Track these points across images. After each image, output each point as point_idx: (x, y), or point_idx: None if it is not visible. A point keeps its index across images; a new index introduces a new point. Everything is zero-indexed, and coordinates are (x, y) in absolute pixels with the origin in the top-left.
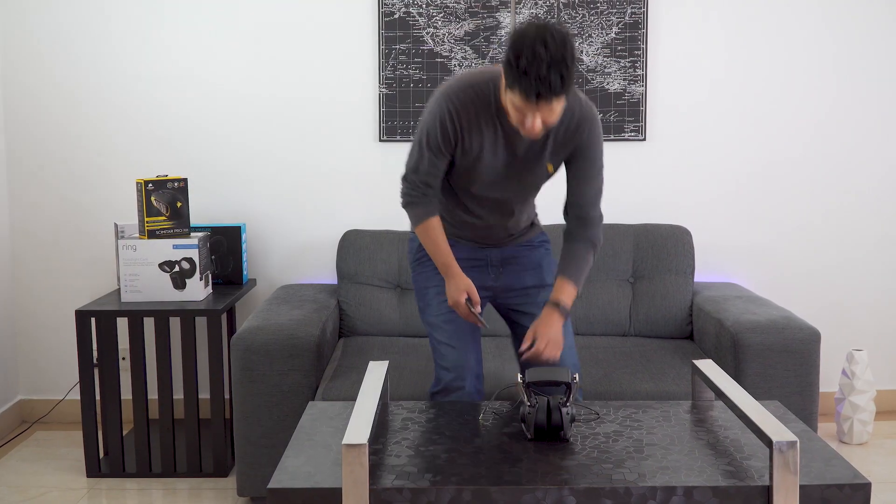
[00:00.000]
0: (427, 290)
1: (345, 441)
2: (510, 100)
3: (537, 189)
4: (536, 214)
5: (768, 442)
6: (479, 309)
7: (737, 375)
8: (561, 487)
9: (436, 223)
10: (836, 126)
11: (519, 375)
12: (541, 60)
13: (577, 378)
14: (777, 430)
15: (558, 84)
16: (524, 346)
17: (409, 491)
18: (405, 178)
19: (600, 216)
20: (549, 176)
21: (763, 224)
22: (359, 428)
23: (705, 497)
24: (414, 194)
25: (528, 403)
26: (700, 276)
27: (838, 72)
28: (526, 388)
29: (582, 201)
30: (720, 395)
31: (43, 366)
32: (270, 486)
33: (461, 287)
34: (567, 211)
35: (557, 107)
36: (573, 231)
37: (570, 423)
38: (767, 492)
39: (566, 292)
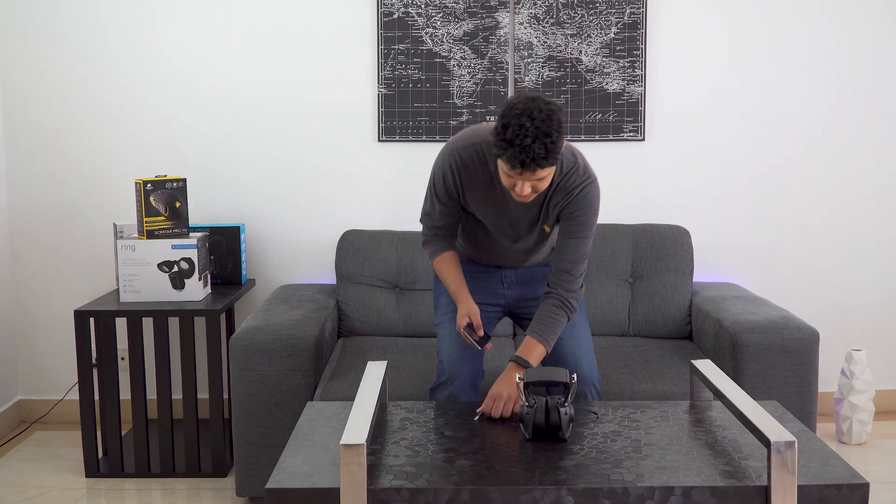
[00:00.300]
0: (440, 295)
1: (343, 441)
2: (500, 165)
3: (547, 240)
4: None
5: (766, 442)
6: (480, 333)
7: (736, 375)
8: (559, 487)
9: (447, 257)
10: (836, 126)
11: (517, 375)
12: (526, 132)
13: (576, 378)
14: (775, 430)
15: (542, 155)
16: (482, 408)
17: (407, 491)
18: (422, 221)
19: (582, 275)
20: (548, 234)
21: (762, 224)
22: (357, 428)
23: (703, 497)
24: (428, 234)
25: (527, 404)
26: (699, 276)
27: (838, 72)
28: (524, 388)
29: (566, 256)
30: (718, 395)
31: (42, 366)
32: (268, 486)
33: (463, 312)
34: (552, 265)
35: (544, 174)
36: (552, 287)
37: (568, 423)
38: (765, 492)
39: (534, 352)
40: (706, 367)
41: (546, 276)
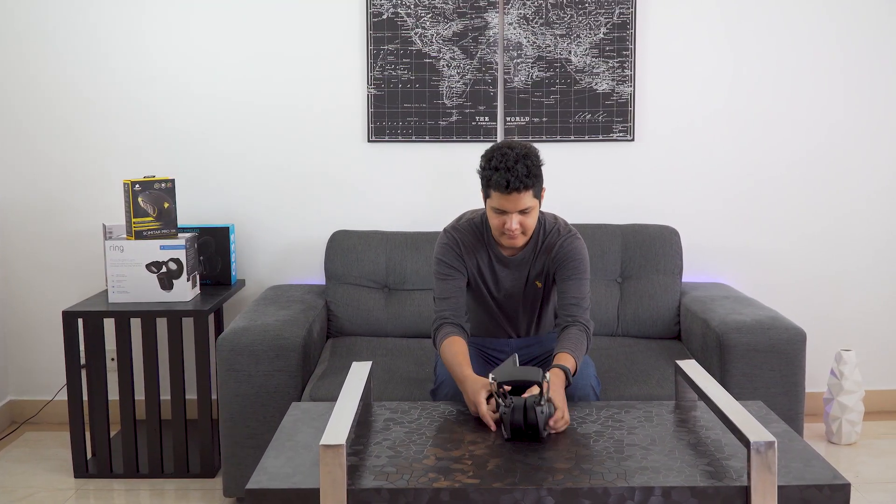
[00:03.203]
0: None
1: (322, 442)
2: (490, 207)
3: (542, 301)
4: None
5: (746, 442)
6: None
7: (722, 376)
8: (539, 488)
9: (453, 342)
10: (825, 127)
11: (491, 376)
12: (508, 157)
13: (549, 377)
14: (755, 430)
15: (524, 174)
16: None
17: (388, 491)
18: (434, 311)
19: (588, 310)
20: (541, 291)
21: (752, 224)
22: (337, 429)
23: (683, 497)
24: (437, 321)
25: (504, 404)
26: (689, 276)
27: (827, 74)
28: (499, 388)
29: (569, 293)
30: (702, 395)
31: (32, 366)
32: (249, 486)
33: (477, 387)
34: (558, 312)
35: (528, 204)
36: (566, 318)
37: (545, 422)
38: (746, 492)
39: (568, 360)
40: (690, 367)
41: (551, 342)
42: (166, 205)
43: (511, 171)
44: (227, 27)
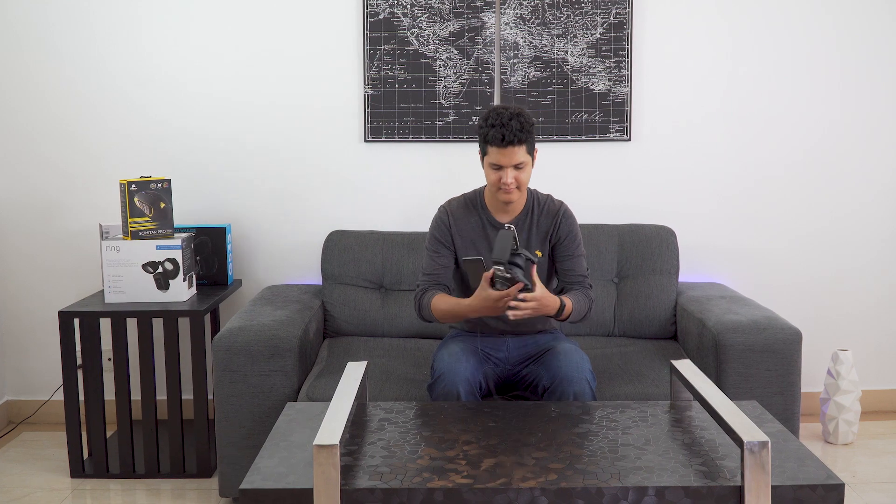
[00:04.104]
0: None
1: (316, 442)
2: (487, 164)
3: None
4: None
5: (739, 442)
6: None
7: (718, 376)
8: (533, 487)
9: (439, 298)
10: (822, 127)
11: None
12: (503, 115)
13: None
14: (748, 430)
15: (518, 128)
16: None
17: (381, 491)
18: (418, 284)
19: (591, 287)
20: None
21: (749, 224)
22: (331, 429)
23: (677, 497)
24: (418, 293)
25: (507, 278)
26: (686, 276)
27: (824, 74)
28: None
29: (574, 271)
30: (696, 395)
31: (29, 366)
32: (242, 486)
33: (482, 293)
34: (565, 282)
35: (522, 159)
36: (569, 288)
37: (526, 262)
38: (739, 492)
39: (565, 300)
40: (685, 367)
41: (547, 342)
42: (162, 205)
43: (506, 127)
44: (224, 28)
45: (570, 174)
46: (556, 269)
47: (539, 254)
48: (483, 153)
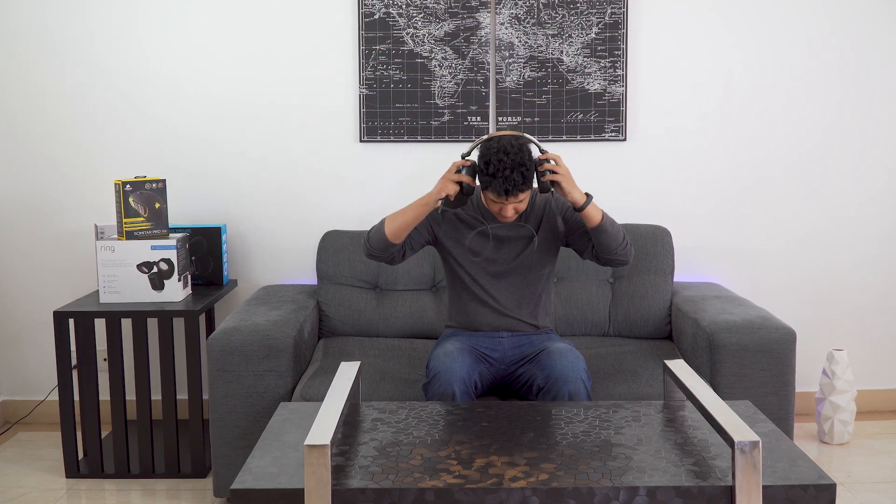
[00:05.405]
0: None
1: (307, 442)
2: (487, 196)
3: (532, 270)
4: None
5: (730, 442)
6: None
7: (713, 375)
8: (524, 487)
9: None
10: (818, 127)
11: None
12: (504, 165)
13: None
14: (740, 429)
15: (520, 181)
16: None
17: (373, 491)
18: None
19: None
20: (540, 268)
21: (744, 224)
22: (322, 429)
23: (668, 497)
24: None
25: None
26: (681, 276)
27: (821, 73)
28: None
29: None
30: (688, 395)
31: (24, 366)
32: (234, 486)
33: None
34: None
35: (523, 197)
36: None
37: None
38: (730, 492)
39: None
40: (678, 367)
41: (542, 343)
42: (157, 205)
43: (508, 181)
44: (219, 27)
45: None
46: (582, 246)
47: (535, 241)
48: (482, 188)
